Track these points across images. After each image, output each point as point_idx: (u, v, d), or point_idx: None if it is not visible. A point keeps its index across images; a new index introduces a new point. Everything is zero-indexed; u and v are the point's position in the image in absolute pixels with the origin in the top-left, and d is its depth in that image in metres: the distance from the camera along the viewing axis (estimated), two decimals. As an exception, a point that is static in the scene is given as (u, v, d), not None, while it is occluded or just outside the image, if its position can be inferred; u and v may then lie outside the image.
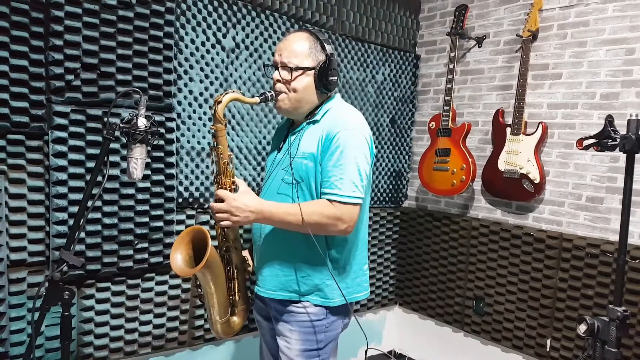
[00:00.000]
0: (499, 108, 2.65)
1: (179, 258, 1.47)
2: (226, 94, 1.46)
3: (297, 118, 1.59)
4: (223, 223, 1.43)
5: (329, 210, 1.42)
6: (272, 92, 1.50)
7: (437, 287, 2.98)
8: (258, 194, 1.57)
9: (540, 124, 2.46)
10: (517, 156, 2.50)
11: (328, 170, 1.44)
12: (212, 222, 2.23)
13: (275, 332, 1.60)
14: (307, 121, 1.54)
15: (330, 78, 1.50)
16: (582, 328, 1.53)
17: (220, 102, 1.44)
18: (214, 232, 1.64)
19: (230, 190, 1.47)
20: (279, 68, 1.50)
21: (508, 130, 2.55)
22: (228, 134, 2.29)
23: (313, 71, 1.49)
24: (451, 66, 2.73)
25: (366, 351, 1.78)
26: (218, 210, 1.42)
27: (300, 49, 1.49)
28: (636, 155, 1.50)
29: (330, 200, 1.43)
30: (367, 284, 1.65)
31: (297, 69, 1.48)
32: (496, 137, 2.64)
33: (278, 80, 1.51)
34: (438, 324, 3.02)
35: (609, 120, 1.53)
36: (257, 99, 1.49)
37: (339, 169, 1.43)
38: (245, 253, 1.68)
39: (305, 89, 1.50)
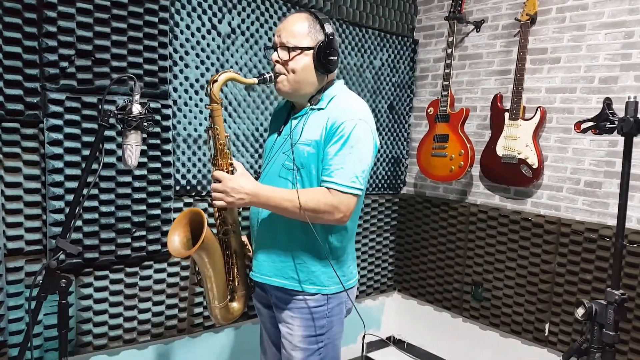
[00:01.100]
0: (497, 93, 2.63)
1: (176, 240, 1.47)
2: (223, 73, 1.44)
3: (298, 101, 1.57)
4: (217, 203, 1.42)
5: (327, 199, 1.41)
6: (272, 74, 1.49)
7: (436, 272, 2.99)
8: (257, 180, 1.57)
9: (539, 109, 2.44)
10: (516, 141, 2.49)
11: (329, 158, 1.43)
12: (211, 209, 2.23)
13: (277, 319, 1.60)
14: (311, 107, 1.52)
15: (330, 58, 1.47)
16: (580, 312, 1.53)
17: (216, 81, 1.43)
18: (213, 220, 1.63)
19: (227, 172, 1.46)
20: (278, 49, 1.49)
21: (506, 115, 2.53)
22: (225, 120, 2.27)
23: (312, 51, 1.47)
24: (449, 51, 2.71)
25: (364, 337, 1.79)
26: (214, 190, 1.42)
27: (298, 29, 1.47)
28: (634, 138, 1.49)
29: (328, 189, 1.42)
30: (355, 270, 1.67)
31: (295, 48, 1.46)
32: (494, 123, 2.63)
33: (277, 62, 1.49)
34: (437, 310, 3.03)
35: (607, 103, 1.52)
36: (254, 80, 1.48)
37: (341, 158, 1.42)
38: (245, 238, 1.67)
39: (304, 70, 1.48)
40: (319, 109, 1.51)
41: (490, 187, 2.77)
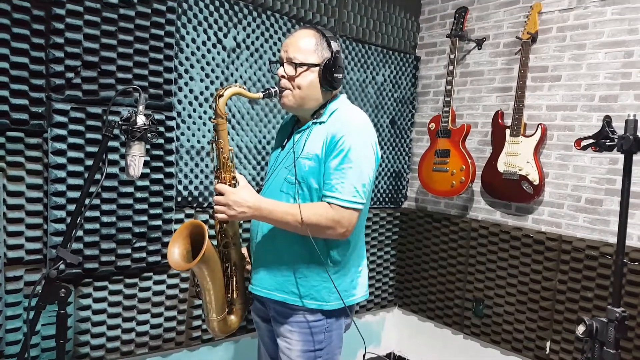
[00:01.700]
0: (499, 110, 2.65)
1: (176, 252, 1.47)
2: (228, 87, 1.45)
3: (302, 115, 1.58)
4: (219, 216, 1.42)
5: (329, 214, 1.41)
6: (276, 88, 1.50)
7: (437, 288, 2.97)
8: (259, 192, 1.57)
9: (540, 126, 2.46)
10: (517, 158, 2.50)
11: (330, 173, 1.43)
12: (212, 221, 2.23)
13: (275, 333, 1.59)
14: (314, 121, 1.53)
15: (335, 75, 1.48)
16: (581, 329, 1.52)
17: (221, 95, 1.44)
18: (214, 232, 1.63)
19: (230, 185, 1.46)
20: (284, 64, 1.50)
21: (507, 131, 2.55)
22: (228, 132, 2.28)
23: (318, 68, 1.48)
24: (451, 68, 2.74)
25: (364, 355, 1.76)
26: (217, 202, 1.42)
27: (305, 45, 1.48)
28: (634, 156, 1.50)
29: (330, 204, 1.42)
30: (363, 284, 1.63)
31: (302, 65, 1.47)
32: (495, 139, 2.64)
33: (283, 76, 1.50)
34: (437, 326, 3.01)
35: (607, 120, 1.53)
36: (260, 94, 1.49)
37: (341, 173, 1.42)
38: (244, 250, 1.67)
39: (310, 86, 1.49)
40: (320, 123, 1.51)
41: (491, 203, 2.77)
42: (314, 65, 1.48)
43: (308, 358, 1.52)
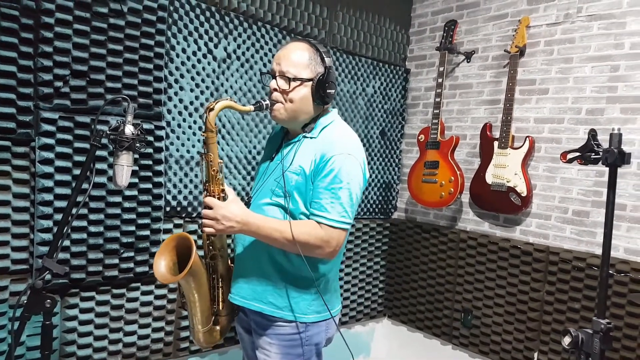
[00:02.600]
0: (487, 122, 2.68)
1: (162, 265, 1.46)
2: (219, 101, 1.44)
3: (292, 127, 1.57)
4: (206, 229, 1.41)
5: (318, 233, 1.41)
6: (268, 101, 1.49)
7: (426, 299, 2.98)
8: (248, 203, 1.57)
9: (527, 138, 2.49)
10: (505, 169, 2.53)
11: (319, 192, 1.43)
12: (200, 231, 2.22)
13: (255, 345, 1.57)
14: (304, 135, 1.52)
15: (328, 91, 1.48)
16: (567, 340, 1.53)
17: (212, 109, 1.42)
18: (201, 242, 1.62)
19: (219, 199, 1.45)
20: (277, 77, 1.48)
21: (496, 143, 2.58)
22: (218, 142, 2.28)
23: (311, 82, 1.47)
24: (440, 80, 2.77)
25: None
26: (205, 216, 1.41)
27: (299, 59, 1.47)
28: (619, 169, 1.52)
29: (319, 223, 1.42)
30: (338, 300, 1.64)
31: (295, 79, 1.46)
32: (484, 151, 2.67)
33: (275, 90, 1.49)
34: (427, 337, 3.01)
35: (592, 134, 1.56)
36: (251, 107, 1.47)
37: (331, 193, 1.42)
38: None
39: (302, 100, 1.48)
40: (311, 138, 1.51)
41: (479, 214, 2.79)
42: (307, 80, 1.47)
43: None
